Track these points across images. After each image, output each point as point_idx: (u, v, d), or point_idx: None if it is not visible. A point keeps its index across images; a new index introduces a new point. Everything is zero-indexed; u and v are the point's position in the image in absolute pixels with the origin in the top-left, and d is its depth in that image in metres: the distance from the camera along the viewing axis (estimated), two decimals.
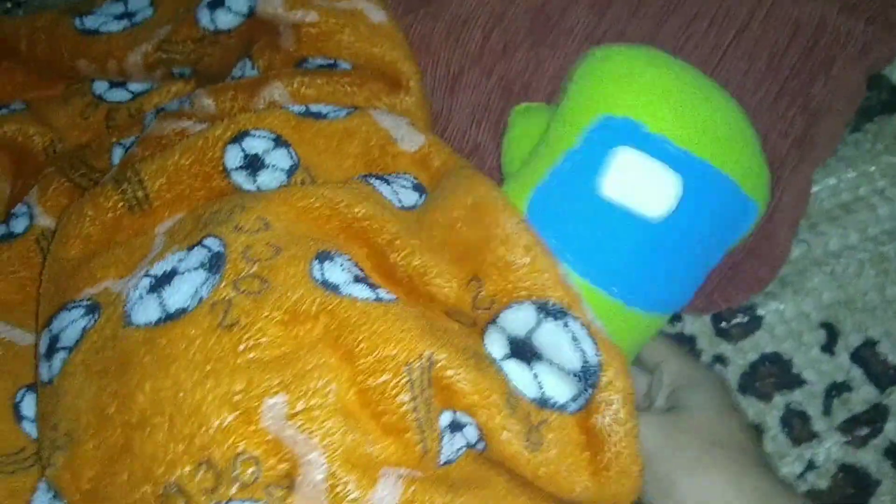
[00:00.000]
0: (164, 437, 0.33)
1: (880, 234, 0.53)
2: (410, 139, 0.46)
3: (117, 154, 0.52)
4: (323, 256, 0.37)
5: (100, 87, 0.57)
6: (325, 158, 0.44)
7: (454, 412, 0.35)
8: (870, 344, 0.51)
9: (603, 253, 0.39)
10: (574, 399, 0.37)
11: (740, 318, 0.52)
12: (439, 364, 0.34)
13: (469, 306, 0.38)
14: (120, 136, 0.54)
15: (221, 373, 0.33)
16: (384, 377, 0.34)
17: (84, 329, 0.37)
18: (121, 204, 0.42)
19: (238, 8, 0.52)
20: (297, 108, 0.45)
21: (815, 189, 0.54)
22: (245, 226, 0.37)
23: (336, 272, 0.37)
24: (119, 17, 0.56)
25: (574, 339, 0.37)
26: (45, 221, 0.50)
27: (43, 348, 0.39)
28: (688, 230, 0.39)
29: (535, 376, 0.37)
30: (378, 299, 0.36)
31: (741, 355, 0.52)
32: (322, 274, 0.36)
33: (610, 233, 0.39)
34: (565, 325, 0.37)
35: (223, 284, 0.35)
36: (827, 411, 0.50)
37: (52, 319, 0.39)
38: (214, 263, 0.36)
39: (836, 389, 0.51)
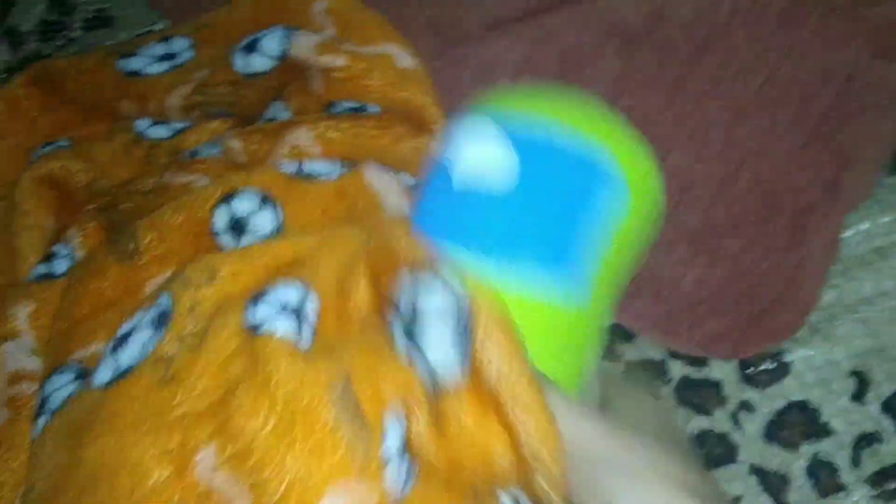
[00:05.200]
0: (106, 495, 0.33)
1: None
2: (398, 207, 0.46)
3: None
4: (257, 297, 0.36)
5: (142, 124, 0.59)
6: (311, 221, 0.44)
7: (396, 417, 0.34)
8: None
9: (481, 240, 0.37)
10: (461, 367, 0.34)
11: (768, 365, 0.52)
12: (357, 375, 0.33)
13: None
14: (159, 173, 0.56)
15: (160, 428, 0.33)
16: (305, 401, 0.33)
17: (70, 395, 0.38)
18: (112, 255, 0.43)
19: (271, 52, 0.53)
20: (290, 166, 0.46)
21: (847, 234, 0.54)
22: (193, 278, 0.37)
23: (264, 310, 0.36)
24: (161, 59, 0.58)
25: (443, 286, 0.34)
26: None
27: (35, 408, 0.40)
28: (535, 189, 0.37)
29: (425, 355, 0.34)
30: (298, 331, 0.35)
31: (768, 402, 0.51)
32: (254, 316, 0.35)
33: (475, 218, 0.37)
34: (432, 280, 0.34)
35: (166, 340, 0.35)
36: (855, 463, 0.49)
37: (45, 382, 0.40)
38: (161, 320, 0.36)
39: (866, 440, 0.50)
